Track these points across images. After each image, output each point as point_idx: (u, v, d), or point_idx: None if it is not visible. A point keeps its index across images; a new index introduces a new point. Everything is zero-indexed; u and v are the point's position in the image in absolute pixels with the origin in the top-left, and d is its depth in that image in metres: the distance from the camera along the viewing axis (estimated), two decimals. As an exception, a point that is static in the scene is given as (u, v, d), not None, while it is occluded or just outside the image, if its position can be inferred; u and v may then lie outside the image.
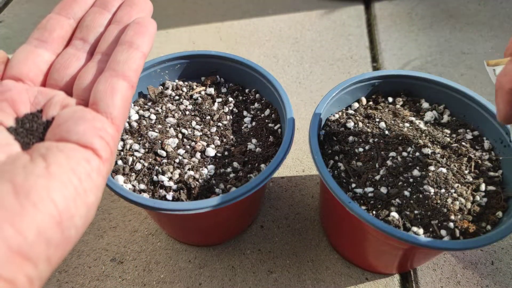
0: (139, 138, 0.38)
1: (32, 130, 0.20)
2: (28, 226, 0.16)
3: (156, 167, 0.35)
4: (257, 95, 0.43)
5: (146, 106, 0.41)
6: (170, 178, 0.35)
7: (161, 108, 0.41)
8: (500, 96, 0.25)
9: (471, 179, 0.35)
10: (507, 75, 0.24)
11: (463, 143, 0.37)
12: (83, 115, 0.20)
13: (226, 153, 0.38)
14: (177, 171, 0.35)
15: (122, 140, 0.38)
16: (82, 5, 0.25)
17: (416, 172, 0.34)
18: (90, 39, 0.25)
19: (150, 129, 0.39)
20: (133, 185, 0.35)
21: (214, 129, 0.40)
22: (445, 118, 0.40)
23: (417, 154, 0.36)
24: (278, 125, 0.40)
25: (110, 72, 0.22)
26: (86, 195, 0.18)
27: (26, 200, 0.16)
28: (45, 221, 0.16)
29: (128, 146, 0.37)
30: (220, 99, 0.43)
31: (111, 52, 0.24)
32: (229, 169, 0.36)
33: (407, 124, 0.39)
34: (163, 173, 0.35)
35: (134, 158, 0.36)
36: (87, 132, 0.20)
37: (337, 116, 0.40)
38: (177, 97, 0.42)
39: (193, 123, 0.40)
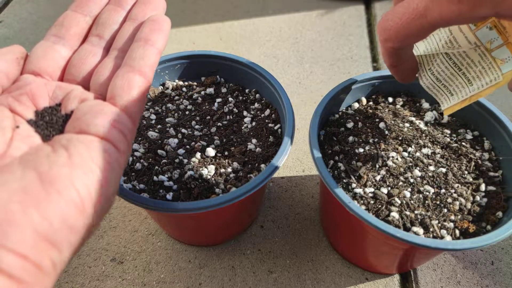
0: (139, 138, 0.38)
1: (51, 122, 0.21)
2: (54, 213, 0.16)
3: (156, 167, 0.35)
4: (257, 95, 0.43)
5: (146, 106, 0.41)
6: (170, 178, 0.35)
7: (161, 108, 0.41)
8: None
9: (471, 179, 0.35)
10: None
11: (463, 143, 0.37)
12: (102, 108, 0.21)
13: (226, 153, 0.38)
14: (177, 171, 0.35)
15: (122, 140, 0.38)
16: (97, 3, 0.26)
17: (416, 172, 0.34)
18: (105, 36, 0.25)
19: (150, 129, 0.39)
20: (133, 185, 0.35)
21: (214, 129, 0.40)
22: (445, 118, 0.40)
23: (417, 154, 0.36)
24: (278, 125, 0.40)
25: (127, 68, 0.23)
26: (106, 185, 0.19)
27: (51, 188, 0.17)
28: (69, 208, 0.17)
29: (128, 146, 0.37)
30: (220, 99, 0.43)
31: (127, 49, 0.24)
32: (229, 169, 0.36)
33: (407, 124, 0.39)
34: (163, 173, 0.35)
35: (134, 158, 0.36)
36: (106, 125, 0.20)
37: (337, 116, 0.40)
38: (177, 97, 0.42)
39: (193, 123, 0.40)
